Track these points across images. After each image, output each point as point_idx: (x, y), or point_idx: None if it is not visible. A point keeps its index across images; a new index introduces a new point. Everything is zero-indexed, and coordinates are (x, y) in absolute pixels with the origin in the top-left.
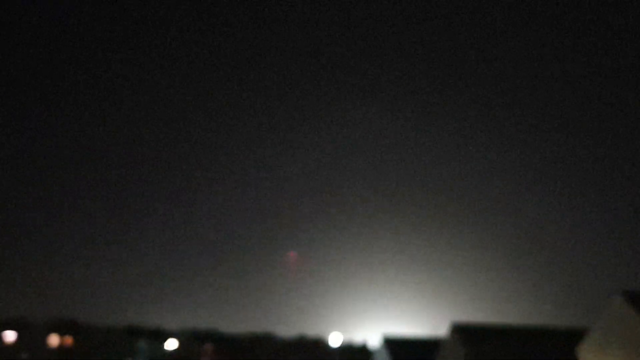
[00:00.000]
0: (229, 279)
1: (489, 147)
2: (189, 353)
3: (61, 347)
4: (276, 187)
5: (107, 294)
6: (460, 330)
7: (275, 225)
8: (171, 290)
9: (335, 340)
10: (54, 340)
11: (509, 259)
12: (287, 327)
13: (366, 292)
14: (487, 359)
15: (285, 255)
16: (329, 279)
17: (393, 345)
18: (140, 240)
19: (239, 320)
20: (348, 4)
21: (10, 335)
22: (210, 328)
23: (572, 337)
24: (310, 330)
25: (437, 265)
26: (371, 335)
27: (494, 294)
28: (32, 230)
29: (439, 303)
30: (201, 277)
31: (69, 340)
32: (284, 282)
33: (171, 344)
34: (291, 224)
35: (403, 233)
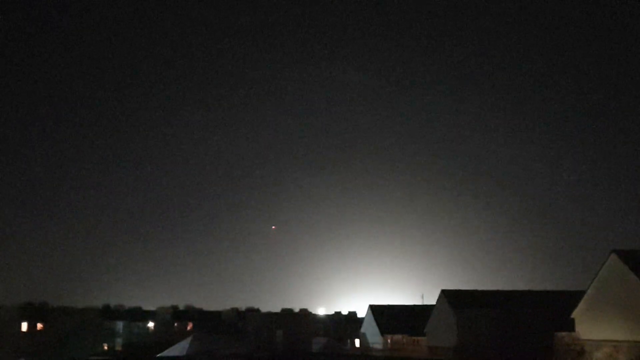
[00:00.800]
0: (208, 257)
1: (480, 106)
2: (169, 331)
3: (32, 332)
4: (254, 159)
5: (84, 277)
6: (451, 296)
7: (255, 200)
8: (150, 271)
9: (322, 311)
10: (24, 325)
11: (495, 224)
12: (272, 303)
13: (352, 267)
14: (478, 322)
15: (269, 230)
16: (313, 254)
17: (378, 312)
18: (117, 222)
19: (221, 298)
20: None
21: None
22: (190, 305)
23: (564, 299)
24: (296, 306)
25: (422, 235)
26: (358, 306)
27: (481, 262)
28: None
29: (424, 274)
30: (179, 256)
31: (40, 324)
32: (266, 258)
33: (151, 323)
34: (271, 197)
35: (387, 202)
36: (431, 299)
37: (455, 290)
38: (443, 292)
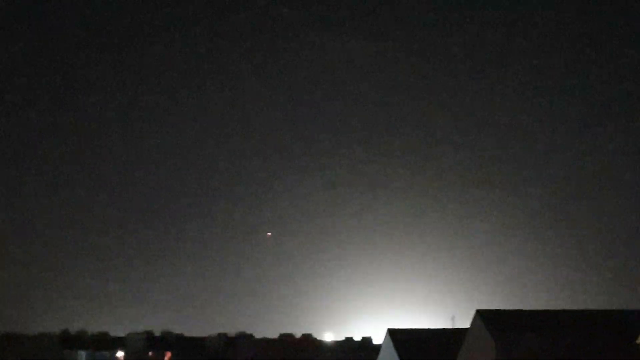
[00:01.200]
0: (189, 271)
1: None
2: None
3: None
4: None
5: (36, 297)
6: (489, 318)
7: (245, 201)
8: (117, 289)
9: (329, 337)
10: None
11: (540, 230)
12: (268, 328)
13: (366, 282)
14: (523, 350)
15: (263, 237)
16: (318, 267)
17: (399, 337)
18: (74, 230)
19: (205, 321)
20: None
21: None
22: (167, 331)
23: (628, 320)
24: (297, 330)
25: (451, 244)
26: (374, 331)
27: (523, 276)
28: None
29: (455, 291)
30: (153, 270)
31: None
32: (260, 272)
33: (120, 353)
34: (265, 198)
35: (408, 203)
36: (464, 322)
37: (494, 310)
38: (479, 312)
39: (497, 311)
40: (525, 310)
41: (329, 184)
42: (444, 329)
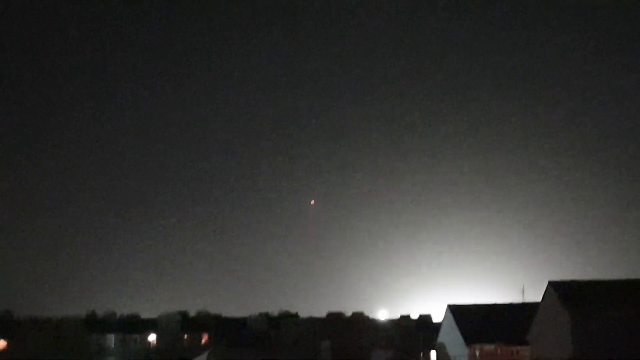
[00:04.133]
0: (226, 246)
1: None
2: (177, 346)
3: None
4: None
5: (59, 277)
6: (563, 290)
7: (286, 167)
8: (148, 266)
9: (383, 315)
10: None
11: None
12: (314, 306)
13: (423, 253)
14: (603, 325)
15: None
16: (369, 238)
17: (461, 314)
18: (97, 207)
19: (245, 300)
20: None
21: None
22: (204, 311)
23: None
24: (347, 308)
25: (519, 208)
26: (435, 307)
27: (602, 242)
28: None
29: (524, 261)
30: (187, 246)
31: (2, 341)
32: (304, 244)
33: (152, 336)
34: (309, 164)
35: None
36: (534, 295)
37: (569, 281)
38: (551, 284)
39: (571, 282)
40: (601, 281)
41: (384, 146)
42: (510, 303)
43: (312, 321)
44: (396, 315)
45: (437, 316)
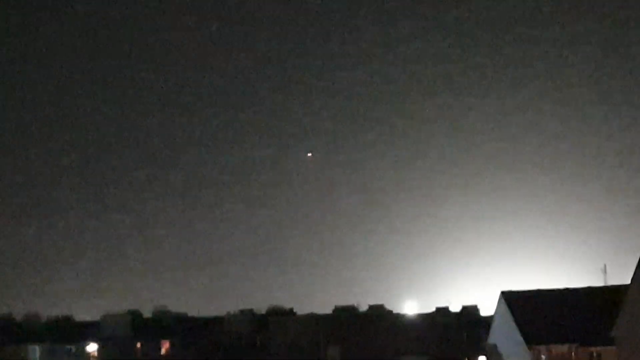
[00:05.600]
0: (200, 225)
1: None
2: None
3: None
4: None
5: None
6: None
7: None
8: (88, 255)
9: (412, 309)
10: None
11: None
12: (316, 299)
13: (464, 227)
14: None
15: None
16: (388, 204)
17: (519, 304)
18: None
19: (220, 294)
20: None
21: None
22: (164, 309)
23: None
24: (362, 301)
25: (593, 167)
26: (483, 297)
27: None
28: None
29: (603, 232)
30: (141, 227)
31: None
32: (299, 212)
33: (92, 346)
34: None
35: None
36: (619, 277)
37: None
38: None
39: None
40: None
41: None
42: (587, 288)
43: (314, 319)
44: (430, 308)
45: (487, 308)
